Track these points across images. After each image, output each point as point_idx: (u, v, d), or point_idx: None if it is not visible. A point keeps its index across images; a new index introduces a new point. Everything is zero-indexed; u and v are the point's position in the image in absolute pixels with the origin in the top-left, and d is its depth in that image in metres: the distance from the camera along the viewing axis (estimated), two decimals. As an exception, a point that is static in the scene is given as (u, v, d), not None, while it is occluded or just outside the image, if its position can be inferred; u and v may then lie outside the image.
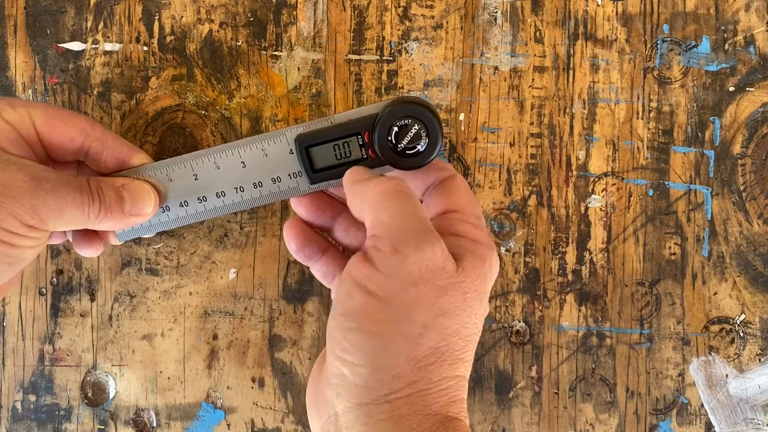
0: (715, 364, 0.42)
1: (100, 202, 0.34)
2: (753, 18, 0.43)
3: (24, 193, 0.32)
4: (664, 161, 0.43)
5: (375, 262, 0.30)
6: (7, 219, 0.31)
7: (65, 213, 0.33)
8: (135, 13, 0.43)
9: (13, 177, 0.32)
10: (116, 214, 0.35)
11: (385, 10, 0.43)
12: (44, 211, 0.32)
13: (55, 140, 0.36)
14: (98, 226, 0.35)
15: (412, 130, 0.34)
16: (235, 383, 0.43)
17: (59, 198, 0.33)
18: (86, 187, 0.34)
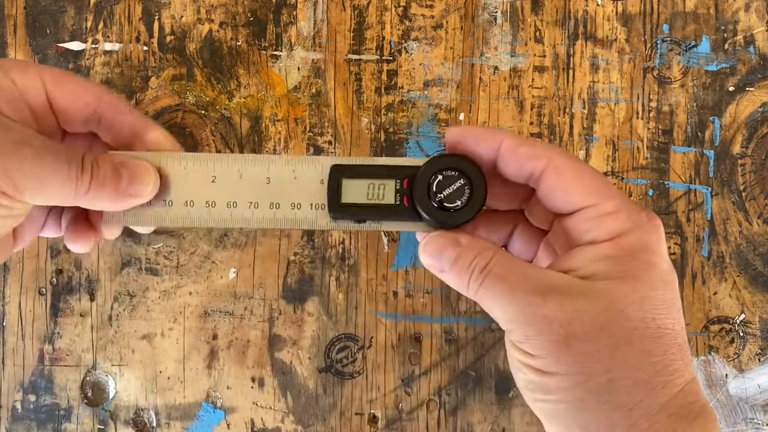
0: (714, 364, 0.42)
1: (91, 175, 0.31)
2: (753, 18, 0.43)
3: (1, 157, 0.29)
4: (663, 161, 0.43)
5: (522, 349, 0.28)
6: None
7: (46, 184, 0.30)
8: (135, 13, 0.43)
9: None
10: (109, 190, 0.31)
11: (385, 9, 0.43)
12: (19, 178, 0.29)
13: (67, 104, 0.33)
14: (89, 203, 0.32)
15: (455, 184, 0.31)
16: (235, 383, 0.43)
17: (40, 166, 0.29)
18: (78, 159, 0.31)
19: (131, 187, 0.32)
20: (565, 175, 0.29)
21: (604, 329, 0.27)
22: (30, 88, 0.32)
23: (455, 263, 0.30)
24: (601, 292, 0.27)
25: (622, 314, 0.27)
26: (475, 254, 0.29)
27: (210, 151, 0.43)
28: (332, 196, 0.32)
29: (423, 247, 0.31)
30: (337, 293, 0.43)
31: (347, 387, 0.43)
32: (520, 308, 0.27)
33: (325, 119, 0.43)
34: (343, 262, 0.43)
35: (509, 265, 0.29)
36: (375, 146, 0.43)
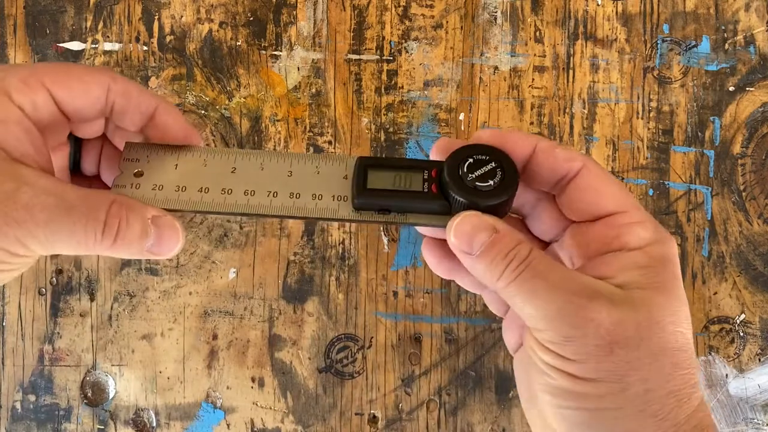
0: (715, 364, 0.42)
1: (116, 235, 0.29)
2: (753, 18, 0.43)
3: (10, 222, 0.27)
4: (664, 161, 0.43)
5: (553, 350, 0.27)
6: None
7: (58, 246, 0.28)
8: (135, 13, 0.43)
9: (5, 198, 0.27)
10: (133, 248, 0.30)
11: (385, 9, 0.43)
12: (31, 243, 0.28)
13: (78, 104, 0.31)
14: (105, 254, 0.30)
15: (486, 167, 0.30)
16: (235, 383, 0.43)
17: (53, 232, 0.28)
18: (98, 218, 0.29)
19: (156, 247, 0.30)
20: (600, 178, 0.29)
21: (644, 339, 0.27)
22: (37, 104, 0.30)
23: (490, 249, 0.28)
24: (640, 301, 0.27)
25: (659, 326, 0.27)
26: (514, 244, 0.28)
27: (210, 151, 0.43)
28: (358, 181, 0.31)
29: (455, 225, 0.29)
30: (337, 293, 0.43)
31: (347, 387, 0.43)
32: (562, 308, 0.27)
33: (325, 119, 0.43)
34: (343, 262, 0.43)
35: (550, 262, 0.28)
36: (375, 146, 0.43)
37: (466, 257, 0.29)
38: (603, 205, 0.29)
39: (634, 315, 0.27)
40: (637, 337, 0.27)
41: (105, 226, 0.29)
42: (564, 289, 0.27)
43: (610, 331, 0.26)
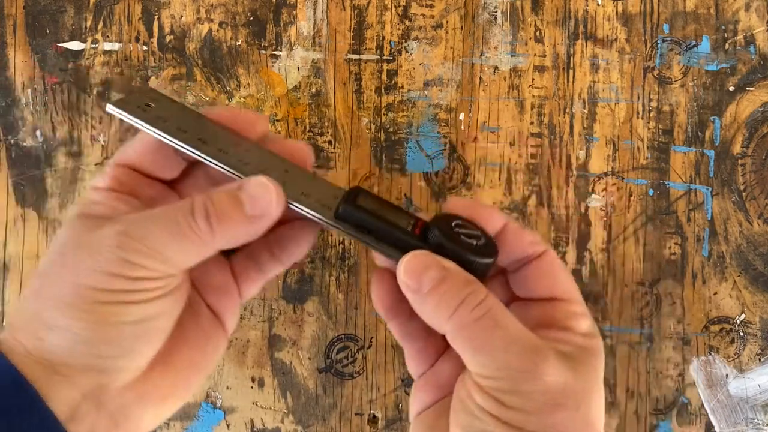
0: (715, 364, 0.42)
1: (207, 215, 0.29)
2: (753, 18, 0.43)
3: (114, 250, 0.28)
4: (664, 161, 0.43)
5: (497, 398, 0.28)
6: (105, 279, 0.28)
7: (169, 252, 0.29)
8: (134, 13, 0.43)
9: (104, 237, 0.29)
10: (237, 220, 0.30)
11: (385, 9, 0.43)
12: (142, 260, 0.29)
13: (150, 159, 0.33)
14: (225, 242, 0.30)
15: (471, 230, 0.31)
16: (235, 383, 0.43)
17: (152, 240, 0.29)
18: (185, 212, 0.29)
19: (256, 208, 0.30)
20: (557, 267, 0.32)
21: (582, 406, 0.29)
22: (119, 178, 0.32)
23: (439, 286, 0.29)
24: (582, 372, 0.29)
25: (592, 398, 0.30)
26: (465, 285, 0.29)
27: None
28: (349, 196, 0.31)
29: (405, 261, 0.30)
30: (337, 293, 0.43)
31: (347, 387, 0.43)
32: (518, 361, 0.28)
33: (325, 119, 0.43)
34: (343, 262, 0.43)
35: (507, 312, 0.29)
36: (375, 146, 0.43)
37: (415, 296, 0.29)
38: (555, 290, 0.31)
39: (578, 382, 0.29)
40: (577, 402, 0.29)
41: (194, 214, 0.29)
42: (522, 343, 0.28)
43: (559, 390, 0.28)
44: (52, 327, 0.29)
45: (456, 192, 0.43)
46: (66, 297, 0.28)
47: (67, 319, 0.28)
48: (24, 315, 0.29)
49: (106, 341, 0.29)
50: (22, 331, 0.29)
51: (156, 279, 0.29)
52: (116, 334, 0.29)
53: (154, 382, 0.31)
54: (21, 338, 0.29)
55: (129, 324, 0.29)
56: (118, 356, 0.29)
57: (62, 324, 0.28)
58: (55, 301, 0.29)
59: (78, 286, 0.28)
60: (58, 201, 0.43)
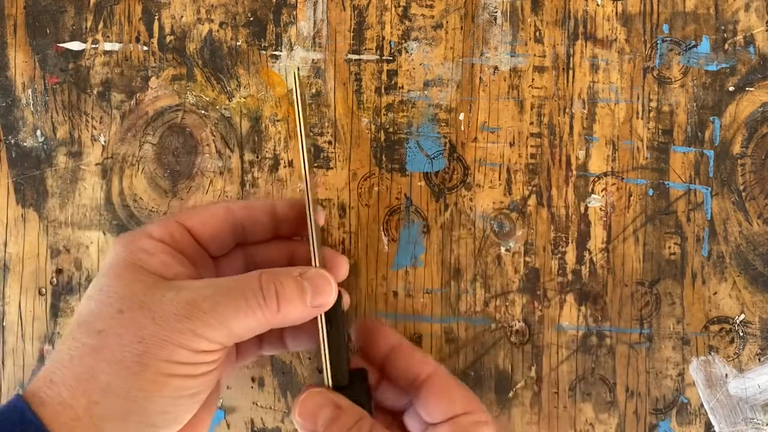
0: (714, 364, 0.42)
1: (277, 297, 0.30)
2: (753, 18, 0.43)
3: (181, 319, 0.28)
4: (663, 161, 0.43)
5: None
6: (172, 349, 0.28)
7: (233, 325, 0.29)
8: (135, 13, 0.43)
9: (169, 302, 0.29)
10: (298, 306, 0.31)
11: (385, 9, 0.43)
12: (208, 332, 0.29)
13: (209, 232, 0.34)
14: (281, 323, 0.31)
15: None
16: (235, 383, 0.43)
17: (220, 312, 0.29)
18: (254, 288, 0.30)
19: (318, 299, 0.32)
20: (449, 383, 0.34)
21: None
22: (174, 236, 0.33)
23: (332, 425, 0.31)
24: None
25: None
26: (355, 420, 0.31)
27: (210, 150, 0.43)
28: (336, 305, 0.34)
29: (299, 402, 0.32)
30: (337, 293, 0.43)
31: (347, 387, 0.43)
32: None
33: (325, 119, 0.43)
34: (343, 262, 0.43)
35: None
36: (375, 146, 0.43)
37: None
38: (454, 408, 0.33)
39: None
40: None
41: (263, 292, 0.30)
42: None
43: None
44: (110, 391, 0.28)
45: (456, 192, 0.43)
46: (130, 364, 0.28)
47: (129, 386, 0.28)
48: (75, 371, 0.28)
49: (163, 412, 0.29)
50: (73, 390, 0.28)
51: (216, 352, 0.30)
52: (172, 406, 0.29)
53: None
54: (68, 397, 0.28)
55: (185, 397, 0.29)
56: (165, 425, 0.29)
57: (122, 390, 0.28)
58: (118, 365, 0.28)
59: (144, 353, 0.28)
60: (58, 201, 0.43)
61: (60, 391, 0.28)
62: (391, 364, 0.35)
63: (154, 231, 0.32)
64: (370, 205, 0.43)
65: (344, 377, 0.34)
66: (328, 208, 0.43)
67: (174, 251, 0.32)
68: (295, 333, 0.37)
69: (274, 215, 0.35)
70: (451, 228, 0.43)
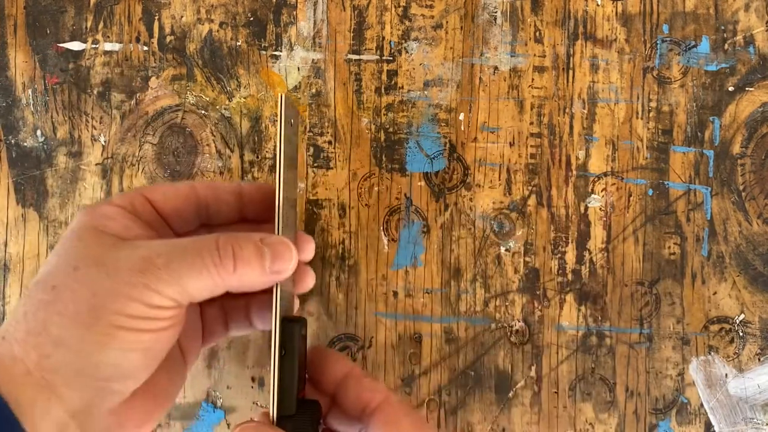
0: (714, 364, 0.42)
1: (234, 257, 0.30)
2: (753, 18, 0.43)
3: (134, 274, 0.29)
4: (663, 161, 0.43)
5: None
6: (124, 302, 0.28)
7: (187, 282, 0.29)
8: (135, 13, 0.43)
9: (125, 259, 0.29)
10: (256, 269, 0.31)
11: (385, 9, 0.43)
12: (161, 287, 0.29)
13: (171, 205, 0.34)
14: (238, 285, 0.31)
15: None
16: (235, 383, 0.43)
17: (174, 269, 0.29)
18: (210, 247, 0.30)
19: (276, 265, 0.32)
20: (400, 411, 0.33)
21: None
22: (135, 205, 0.33)
23: None
24: None
25: None
26: None
27: (210, 150, 0.43)
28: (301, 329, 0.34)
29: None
30: (337, 293, 0.43)
31: (347, 387, 0.43)
32: None
33: (325, 119, 0.43)
34: (343, 262, 0.43)
35: None
36: (375, 146, 0.43)
37: None
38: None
39: None
40: None
41: (220, 252, 0.30)
42: None
43: None
44: (62, 344, 0.28)
45: (456, 192, 0.43)
46: (83, 315, 0.28)
47: (80, 338, 0.28)
48: (28, 325, 0.28)
49: (114, 365, 0.28)
50: (24, 344, 0.28)
51: (170, 308, 0.30)
52: (123, 359, 0.29)
53: (134, 408, 0.31)
54: (19, 352, 0.28)
55: (137, 351, 0.29)
56: (117, 380, 0.29)
57: (74, 343, 0.28)
58: (70, 318, 0.28)
59: (97, 306, 0.28)
60: (58, 201, 0.43)
61: (11, 346, 0.28)
62: (342, 393, 0.35)
63: (115, 199, 0.33)
64: (370, 205, 0.43)
65: (291, 407, 0.33)
66: (328, 208, 0.43)
67: (135, 217, 0.32)
68: (261, 312, 0.37)
69: (240, 196, 0.35)
70: (451, 228, 0.43)
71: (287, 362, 0.33)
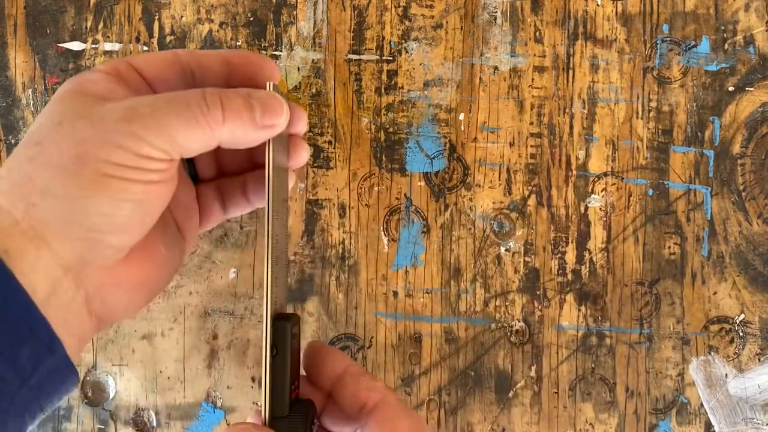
0: (714, 364, 0.42)
1: (222, 108, 0.29)
2: (753, 18, 0.43)
3: (120, 123, 0.27)
4: (663, 161, 0.43)
5: None
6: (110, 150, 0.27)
7: (176, 132, 0.28)
8: (135, 13, 0.43)
9: (109, 111, 0.28)
10: (246, 121, 0.30)
11: (385, 9, 0.43)
12: (149, 136, 0.28)
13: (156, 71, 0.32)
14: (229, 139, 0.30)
15: None
16: (235, 383, 0.43)
17: (161, 117, 0.28)
18: (197, 98, 0.29)
19: (266, 117, 0.30)
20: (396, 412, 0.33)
21: None
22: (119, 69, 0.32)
23: None
24: None
25: None
26: None
27: (210, 151, 0.43)
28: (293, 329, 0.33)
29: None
30: (337, 293, 0.43)
31: (347, 387, 0.43)
32: None
33: (325, 119, 0.43)
34: (343, 262, 0.43)
35: None
36: (375, 146, 0.43)
37: None
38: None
39: None
40: None
41: (207, 101, 0.29)
42: None
43: None
44: (48, 193, 0.27)
45: (456, 192, 0.43)
46: (68, 164, 0.27)
47: (67, 186, 0.27)
48: (13, 178, 0.28)
49: (103, 215, 0.28)
50: (10, 195, 0.27)
51: (160, 161, 0.29)
52: (114, 210, 0.28)
53: (131, 269, 0.30)
54: (4, 203, 0.27)
55: (128, 201, 0.28)
56: (109, 232, 0.28)
57: (60, 191, 0.27)
58: (55, 168, 0.27)
59: (82, 154, 0.27)
60: (58, 201, 0.43)
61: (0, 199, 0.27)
62: (339, 391, 0.34)
63: (100, 66, 0.32)
64: (370, 205, 0.43)
65: (284, 408, 0.32)
66: (328, 208, 0.43)
67: (119, 80, 0.31)
68: (257, 186, 0.36)
69: (225, 62, 0.34)
70: (451, 228, 0.43)
71: (279, 362, 0.32)
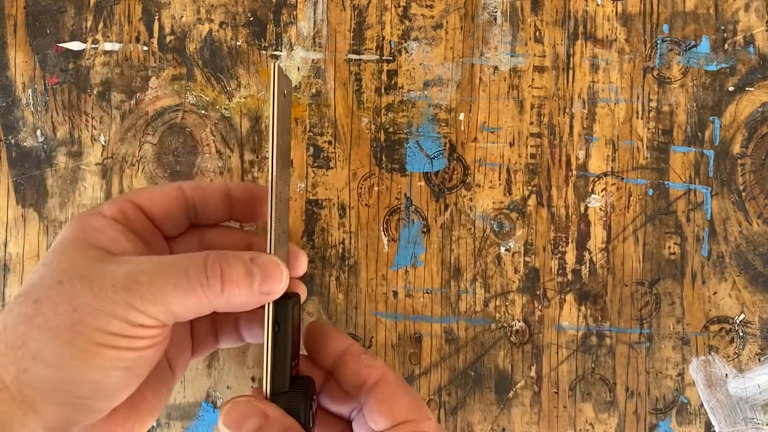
0: (714, 364, 0.42)
1: (221, 278, 0.29)
2: (753, 18, 0.43)
3: (118, 291, 0.28)
4: (663, 161, 0.43)
5: None
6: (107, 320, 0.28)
7: (171, 303, 0.29)
8: (135, 13, 0.43)
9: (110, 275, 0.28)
10: (244, 290, 0.30)
11: (385, 9, 0.43)
12: (144, 306, 0.28)
13: (160, 209, 0.33)
14: (226, 305, 0.30)
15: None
16: (235, 383, 0.43)
17: (159, 288, 0.28)
18: (198, 267, 0.29)
19: (265, 285, 0.31)
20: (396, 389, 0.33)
21: None
22: (126, 213, 0.32)
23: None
24: None
25: None
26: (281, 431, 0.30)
27: (210, 150, 0.43)
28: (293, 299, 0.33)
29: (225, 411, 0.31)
30: (337, 293, 0.43)
31: (347, 387, 0.43)
32: None
33: (325, 119, 0.43)
34: (343, 262, 0.43)
35: None
36: (375, 146, 0.43)
37: None
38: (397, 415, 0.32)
39: None
40: None
41: (207, 271, 0.29)
42: None
43: None
44: (40, 359, 0.27)
45: (456, 192, 0.43)
46: (62, 331, 0.27)
47: (60, 354, 0.27)
48: (8, 339, 0.28)
49: (92, 383, 0.28)
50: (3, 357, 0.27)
51: (153, 327, 0.29)
52: (104, 378, 0.28)
53: (115, 424, 0.30)
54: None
55: (119, 369, 0.28)
56: (97, 398, 0.28)
57: (53, 358, 0.27)
58: (50, 333, 0.27)
59: (78, 322, 0.27)
60: (58, 201, 0.43)
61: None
62: (339, 370, 0.35)
63: (105, 209, 0.32)
64: (370, 205, 0.43)
65: (284, 384, 0.32)
66: (328, 208, 0.43)
67: (125, 229, 0.32)
68: (250, 325, 0.37)
69: (227, 196, 0.35)
70: (451, 228, 0.43)
71: (281, 338, 0.32)
